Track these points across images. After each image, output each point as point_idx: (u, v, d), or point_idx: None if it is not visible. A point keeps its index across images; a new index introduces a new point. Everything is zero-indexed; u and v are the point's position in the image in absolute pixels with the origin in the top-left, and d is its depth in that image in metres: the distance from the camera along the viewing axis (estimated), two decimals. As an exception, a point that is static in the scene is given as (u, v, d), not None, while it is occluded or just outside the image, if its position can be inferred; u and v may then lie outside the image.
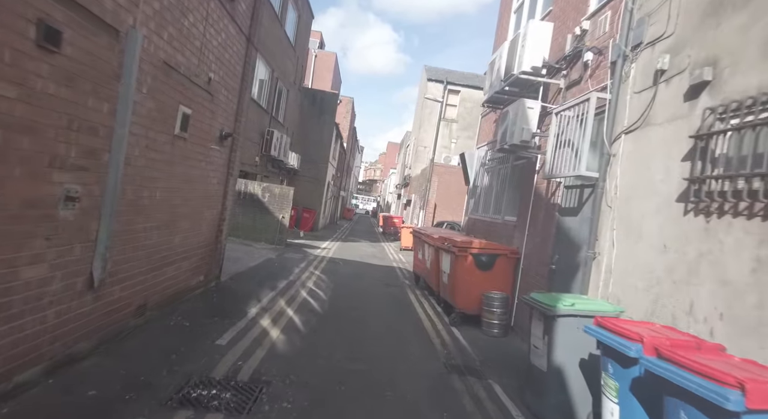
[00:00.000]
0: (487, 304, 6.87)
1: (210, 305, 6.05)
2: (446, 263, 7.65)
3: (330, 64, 33.14)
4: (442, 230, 11.06)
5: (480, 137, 11.28)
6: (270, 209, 13.47)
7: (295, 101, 20.56)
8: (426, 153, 27.06)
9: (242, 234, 13.40)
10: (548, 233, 6.35)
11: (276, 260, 10.83)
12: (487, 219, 9.24)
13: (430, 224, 18.18)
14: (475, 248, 7.17)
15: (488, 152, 9.99)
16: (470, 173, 10.46)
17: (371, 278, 10.55)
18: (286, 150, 17.44)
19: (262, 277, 8.54)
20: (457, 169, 18.42)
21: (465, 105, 27.31)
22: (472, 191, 10.56)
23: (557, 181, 6.30)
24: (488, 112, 10.72)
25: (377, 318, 6.90)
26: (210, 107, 5.66)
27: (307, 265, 11.03)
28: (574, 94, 6.23)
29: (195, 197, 5.61)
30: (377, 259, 14.85)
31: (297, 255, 12.41)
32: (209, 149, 5.84)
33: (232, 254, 10.32)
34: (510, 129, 6.78)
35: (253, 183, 13.43)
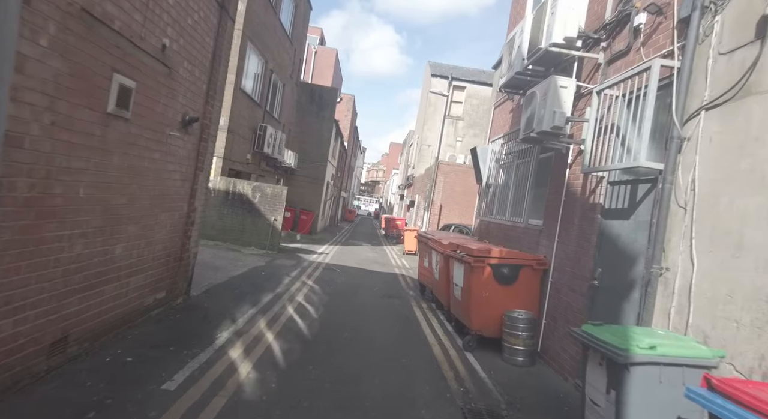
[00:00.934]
0: (510, 326, 5.68)
1: (168, 330, 4.89)
2: (459, 275, 6.47)
3: (330, 61, 32.05)
4: (451, 234, 9.87)
5: (493, 129, 10.10)
6: (261, 211, 12.32)
7: (291, 97, 19.44)
8: (430, 152, 25.91)
9: (230, 238, 12.26)
10: (587, 240, 5.16)
11: (264, 268, 9.67)
12: (505, 223, 8.04)
13: (436, 227, 17.00)
14: (494, 257, 5.99)
15: (504, 145, 8.81)
16: (483, 170, 9.29)
17: (371, 289, 9.37)
18: (281, 147, 16.30)
19: (244, 289, 7.38)
20: (463, 168, 17.25)
21: (471, 102, 26.15)
22: (485, 191, 9.38)
23: (598, 176, 5.12)
24: (502, 100, 9.54)
25: (377, 343, 5.72)
26: (167, 83, 4.51)
27: (299, 273, 9.86)
28: (619, 69, 5.04)
29: (146, 195, 4.45)
30: (378, 265, 13.67)
31: (289, 262, 11.25)
32: (167, 137, 4.69)
33: (214, 262, 9.17)
34: (537, 114, 5.60)
35: (242, 183, 12.29)
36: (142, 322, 4.74)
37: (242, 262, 9.92)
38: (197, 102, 5.34)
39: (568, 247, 5.61)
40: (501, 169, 8.89)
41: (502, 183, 8.73)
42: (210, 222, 12.21)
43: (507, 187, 8.46)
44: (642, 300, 3.90)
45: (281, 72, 17.06)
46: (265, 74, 15.06)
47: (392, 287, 10.00)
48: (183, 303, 5.86)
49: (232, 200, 12.27)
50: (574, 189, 5.68)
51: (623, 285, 4.40)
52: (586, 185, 5.40)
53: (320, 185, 21.11)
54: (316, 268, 11.07)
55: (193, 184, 5.64)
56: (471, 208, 16.98)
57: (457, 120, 25.80)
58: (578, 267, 5.28)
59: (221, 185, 12.21)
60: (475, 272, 5.95)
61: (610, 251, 4.73)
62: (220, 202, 12.25)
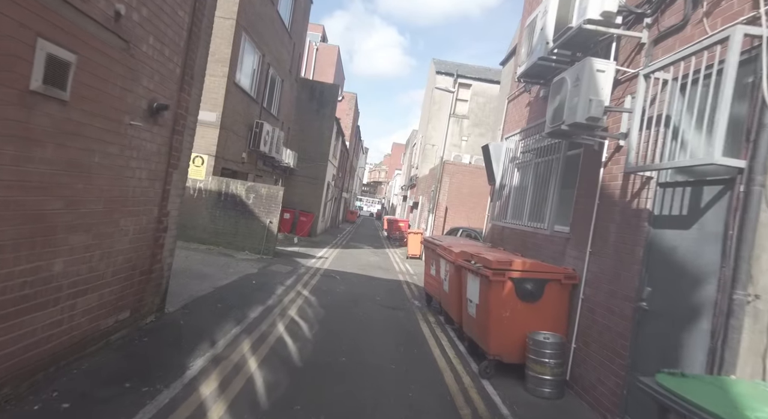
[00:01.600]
0: (535, 351, 4.84)
1: (129, 358, 4.07)
2: (473, 290, 5.63)
3: (332, 58, 31.27)
4: (461, 240, 9.03)
5: (507, 125, 9.26)
6: (255, 213, 11.52)
7: (290, 93, 18.64)
8: (434, 152, 25.08)
9: (222, 242, 11.46)
10: (629, 252, 4.33)
11: (256, 276, 8.85)
12: (523, 228, 7.20)
13: (441, 231, 16.16)
14: (516, 270, 5.15)
15: (520, 143, 7.97)
16: (496, 169, 8.45)
17: (373, 299, 8.54)
18: (279, 146, 15.50)
19: (231, 302, 6.57)
20: (470, 168, 16.42)
21: (477, 100, 25.31)
22: (498, 193, 8.54)
23: (644, 176, 4.28)
24: (517, 93, 8.70)
25: (379, 371, 4.89)
26: (124, 60, 3.70)
27: (295, 282, 9.04)
28: (670, 48, 4.20)
29: (99, 197, 3.65)
30: (381, 271, 12.84)
31: (285, 268, 10.43)
32: (127, 127, 3.88)
33: (202, 269, 8.36)
34: (569, 103, 4.77)
35: (235, 183, 11.49)
36: (96, 351, 3.93)
37: (233, 269, 9.11)
38: (168, 87, 4.53)
39: (603, 259, 4.77)
40: (517, 168, 8.06)
41: (519, 184, 7.89)
42: (201, 225, 11.42)
43: (524, 188, 7.62)
44: (717, 334, 3.06)
45: (279, 67, 16.27)
46: (262, 68, 14.27)
47: (396, 297, 9.17)
48: (154, 323, 5.05)
49: (224, 202, 11.47)
50: (611, 191, 4.84)
51: (684, 312, 3.56)
52: (628, 187, 4.56)
53: (320, 186, 20.30)
54: (314, 275, 10.25)
55: (165, 184, 4.83)
56: (478, 210, 16.13)
57: (462, 119, 24.97)
58: (618, 284, 4.44)
59: (213, 185, 11.42)
60: (493, 288, 5.12)
61: (664, 267, 3.89)
62: (212, 203, 11.45)
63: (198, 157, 11.32)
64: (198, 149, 11.39)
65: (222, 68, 11.33)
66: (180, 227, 11.50)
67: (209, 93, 11.22)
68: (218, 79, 11.29)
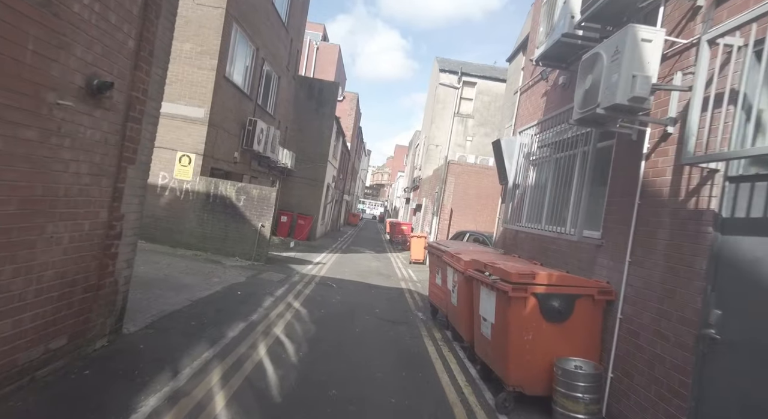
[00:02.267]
0: (566, 383, 3.97)
1: (55, 402, 3.23)
2: (488, 307, 4.77)
3: (333, 58, 30.54)
4: (470, 246, 8.17)
5: (519, 118, 8.40)
6: (246, 216, 10.70)
7: (288, 91, 17.86)
8: (438, 152, 24.24)
9: (211, 248, 10.64)
10: (687, 264, 3.46)
11: (243, 286, 8.01)
12: (542, 233, 6.34)
13: (446, 235, 15.29)
14: (540, 283, 4.29)
15: (536, 137, 7.12)
16: (508, 167, 7.59)
17: (372, 311, 7.68)
18: (274, 145, 14.71)
19: (207, 318, 5.73)
20: (476, 168, 15.56)
21: (482, 99, 24.47)
22: (511, 193, 7.67)
23: (707, 169, 3.41)
24: (532, 82, 7.85)
25: (376, 407, 4.03)
26: (45, 20, 2.88)
27: (286, 292, 8.20)
28: (740, 7, 3.35)
29: (6, 197, 2.82)
30: (382, 278, 11.98)
31: (277, 276, 9.59)
32: (52, 107, 3.06)
33: (182, 279, 7.54)
34: (605, 82, 3.91)
35: (225, 183, 10.68)
36: (9, 393, 3.09)
37: (218, 277, 8.28)
38: (116, 63, 3.71)
39: (650, 272, 3.90)
40: (533, 165, 7.20)
41: (535, 183, 7.03)
42: (189, 229, 10.61)
43: (542, 188, 6.76)
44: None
45: (275, 63, 15.50)
46: (256, 63, 13.50)
47: (397, 308, 8.30)
48: (105, 349, 4.21)
49: (213, 204, 10.66)
50: (657, 189, 3.97)
51: (776, 345, 2.69)
52: (681, 183, 3.69)
53: (320, 187, 19.49)
54: (308, 283, 9.40)
55: (117, 181, 4.00)
56: (486, 213, 15.26)
57: (466, 118, 24.13)
58: (672, 303, 3.57)
59: (201, 186, 10.61)
60: (514, 306, 4.25)
61: (740, 284, 3.03)
62: (200, 206, 10.64)
63: (185, 156, 10.53)
64: (185, 147, 10.62)
65: (210, 61, 10.55)
66: (165, 232, 10.74)
67: (196, 87, 10.44)
68: (206, 72, 10.51)
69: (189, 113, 10.49)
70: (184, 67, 10.46)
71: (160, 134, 10.66)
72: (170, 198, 10.56)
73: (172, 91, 10.47)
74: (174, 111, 10.46)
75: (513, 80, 19.52)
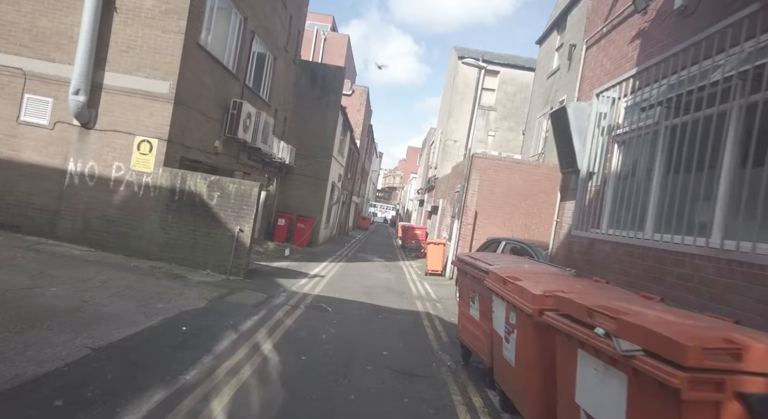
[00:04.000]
0: None
1: None
2: (604, 396, 2.36)
3: (342, 49, 28.41)
4: (523, 262, 5.67)
5: (588, 80, 5.99)
6: (220, 218, 8.44)
7: (286, 75, 15.67)
8: (456, 148, 21.85)
9: (177, 258, 8.41)
10: None
11: (196, 316, 5.71)
12: (651, 245, 3.91)
13: (470, 241, 12.86)
14: (758, 372, 1.87)
15: (626, 100, 4.71)
16: (578, 148, 5.20)
17: (378, 355, 5.33)
18: (267, 135, 12.48)
19: (103, 381, 3.42)
20: (506, 163, 13.13)
21: (505, 89, 22.04)
22: (583, 185, 5.26)
23: None
24: (615, 22, 5.44)
25: None
26: None
27: (258, 324, 5.89)
28: None
29: None
30: (393, 296, 9.61)
31: (255, 296, 7.30)
32: None
33: (111, 305, 5.30)
34: None
35: (194, 176, 8.45)
36: None
37: (166, 303, 6.00)
38: None
39: None
40: (620, 143, 4.79)
41: (629, 168, 4.62)
42: (149, 234, 8.39)
43: (642, 174, 4.35)
44: None
45: (270, 40, 13.31)
46: (244, 36, 11.30)
47: (414, 347, 5.93)
48: None
49: (179, 203, 8.44)
50: None
51: None
52: None
53: (323, 186, 17.22)
54: (295, 307, 7.09)
55: None
56: (517, 215, 12.80)
57: (488, 111, 21.72)
58: None
59: (165, 179, 8.40)
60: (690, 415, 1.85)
61: None
62: (163, 205, 8.43)
63: (144, 141, 8.33)
64: (145, 130, 8.42)
65: (178, 22, 8.35)
66: (120, 237, 8.47)
67: (160, 55, 8.26)
68: (171, 36, 8.31)
69: (150, 87, 8.30)
70: (145, 30, 8.28)
71: (113, 114, 8.46)
72: (126, 195, 8.37)
73: (130, 60, 8.31)
74: (131, 85, 8.28)
75: (545, 64, 17.07)
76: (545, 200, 12.84)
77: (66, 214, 8.26)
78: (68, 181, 8.27)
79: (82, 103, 7.90)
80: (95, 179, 8.31)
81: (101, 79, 8.19)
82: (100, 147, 8.30)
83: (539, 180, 12.87)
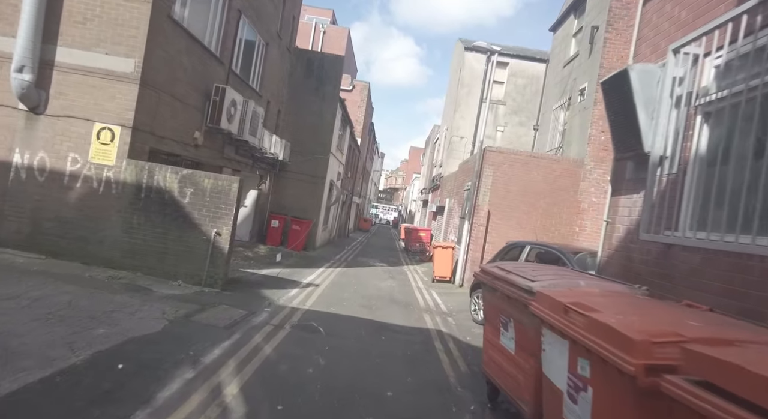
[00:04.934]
0: None
1: None
2: None
3: (342, 42, 27.18)
4: (577, 277, 4.34)
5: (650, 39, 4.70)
6: (194, 219, 7.18)
7: (280, 64, 14.42)
8: (462, 145, 20.56)
9: (143, 266, 7.15)
10: None
11: (146, 344, 4.44)
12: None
13: (482, 245, 11.56)
14: None
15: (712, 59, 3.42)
16: (644, 124, 3.91)
17: (380, 399, 4.05)
18: (256, 127, 11.23)
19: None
20: (522, 157, 11.83)
21: (515, 82, 20.75)
22: (652, 174, 3.96)
23: None
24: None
25: None
26: None
27: (227, 354, 4.61)
28: None
29: None
30: (398, 308, 8.31)
31: (230, 314, 6.02)
32: None
33: (17, 338, 4.01)
34: None
35: (163, 170, 7.19)
36: None
37: (113, 326, 4.73)
38: None
39: None
40: (708, 117, 3.50)
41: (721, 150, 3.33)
42: (111, 238, 7.14)
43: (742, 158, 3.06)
44: None
45: (260, 23, 12.07)
46: (229, 15, 10.06)
47: (425, 381, 4.64)
48: None
49: (146, 201, 7.18)
50: None
51: None
52: None
53: (320, 185, 15.96)
54: (279, 328, 5.81)
55: None
56: (536, 216, 11.50)
57: (497, 105, 20.42)
58: None
59: (129, 174, 7.15)
60: None
61: None
62: (127, 204, 7.17)
63: (105, 129, 7.08)
64: (106, 116, 7.15)
65: (144, -11, 7.09)
66: (77, 242, 6.96)
67: (123, 28, 7.02)
68: (135, 5, 7.06)
69: (112, 65, 7.06)
70: (105, -2, 7.04)
71: (68, 97, 6.91)
72: (84, 192, 7.12)
73: (86, 34, 7.06)
74: (89, 63, 7.04)
75: (560, 52, 15.79)
76: (565, 198, 11.55)
77: (10, 215, 7.01)
78: (13, 176, 7.02)
79: (27, 83, 6.65)
80: (46, 174, 7.06)
81: (52, 55, 6.95)
82: (52, 136, 7.05)
83: (559, 176, 11.57)
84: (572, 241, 11.36)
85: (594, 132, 11.52)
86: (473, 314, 8.06)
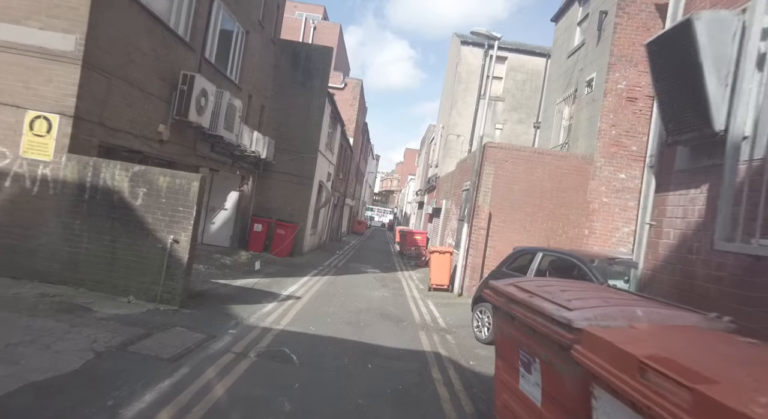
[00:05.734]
0: None
1: None
2: None
3: (333, 38, 26.14)
4: (628, 303, 3.29)
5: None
6: (147, 224, 6.08)
7: (262, 55, 13.35)
8: (459, 143, 19.55)
9: (88, 280, 6.04)
10: None
11: (41, 397, 3.34)
12: None
13: (484, 250, 10.51)
14: None
15: None
16: (714, 92, 2.90)
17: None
18: (233, 121, 10.15)
19: None
20: (525, 154, 10.81)
21: (514, 77, 19.79)
22: (732, 161, 2.92)
23: None
24: None
25: None
26: None
27: (156, 404, 3.52)
28: None
29: None
30: (389, 325, 7.23)
31: (180, 340, 4.93)
32: None
33: None
34: None
35: (111, 166, 6.09)
36: None
37: (17, 362, 3.64)
38: None
39: None
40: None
41: None
42: (47, 247, 6.03)
43: None
44: None
45: (238, 8, 11.01)
46: (200, -4, 8.99)
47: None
48: None
49: (91, 203, 6.08)
50: None
51: None
52: None
53: (308, 186, 14.87)
54: (242, 357, 4.72)
55: None
56: (541, 218, 10.48)
57: (495, 101, 19.44)
58: None
59: (70, 170, 6.05)
60: None
61: None
62: (67, 206, 6.07)
63: (40, 118, 5.97)
64: (39, 103, 5.98)
65: (88, -46, 6.01)
66: (5, 252, 5.77)
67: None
68: (77, -30, 5.97)
69: (47, 41, 5.97)
70: (40, -37, 5.94)
71: None
72: (13, 192, 6.01)
73: (15, 4, 5.97)
74: (19, 39, 5.94)
75: (563, 42, 14.83)
76: (573, 198, 10.54)
77: (-76, 220, 5.88)
78: (-73, 173, 5.90)
79: (-58, 62, 5.55)
80: (-32, 171, 5.94)
81: (-26, 29, 5.84)
82: (-24, 126, 5.94)
83: (566, 174, 10.57)
84: (581, 245, 10.35)
85: (604, 126, 10.54)
86: (476, 331, 7.01)
